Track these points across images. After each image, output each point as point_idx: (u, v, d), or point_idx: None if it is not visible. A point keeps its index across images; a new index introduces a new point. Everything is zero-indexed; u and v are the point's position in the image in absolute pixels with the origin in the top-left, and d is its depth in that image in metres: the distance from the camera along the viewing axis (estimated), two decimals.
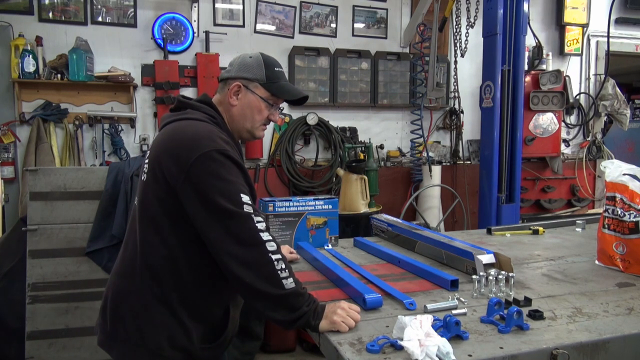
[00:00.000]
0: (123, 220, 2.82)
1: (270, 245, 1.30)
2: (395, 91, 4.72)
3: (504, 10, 3.51)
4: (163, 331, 1.38)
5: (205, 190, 1.30)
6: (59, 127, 3.88)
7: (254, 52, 1.55)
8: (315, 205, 2.17)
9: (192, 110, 1.47)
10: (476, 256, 1.69)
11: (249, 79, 1.49)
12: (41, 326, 2.76)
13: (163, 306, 1.39)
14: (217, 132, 1.40)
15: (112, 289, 1.47)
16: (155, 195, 1.38)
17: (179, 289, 1.39)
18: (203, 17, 4.17)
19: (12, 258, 2.88)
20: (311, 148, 4.53)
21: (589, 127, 5.34)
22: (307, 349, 3.53)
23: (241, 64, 1.51)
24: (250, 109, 1.50)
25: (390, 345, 1.16)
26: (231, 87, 1.49)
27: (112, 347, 1.45)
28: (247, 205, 1.31)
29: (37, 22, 3.81)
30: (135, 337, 1.39)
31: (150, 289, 1.39)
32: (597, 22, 5.14)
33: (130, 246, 1.45)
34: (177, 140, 1.37)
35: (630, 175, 1.77)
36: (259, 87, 1.50)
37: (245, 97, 1.50)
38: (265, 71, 1.50)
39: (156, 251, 1.39)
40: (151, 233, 1.39)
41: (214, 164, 1.31)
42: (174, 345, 1.39)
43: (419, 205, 4.48)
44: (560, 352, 1.14)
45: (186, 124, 1.41)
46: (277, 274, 1.28)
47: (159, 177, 1.36)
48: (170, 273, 1.38)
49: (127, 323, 1.40)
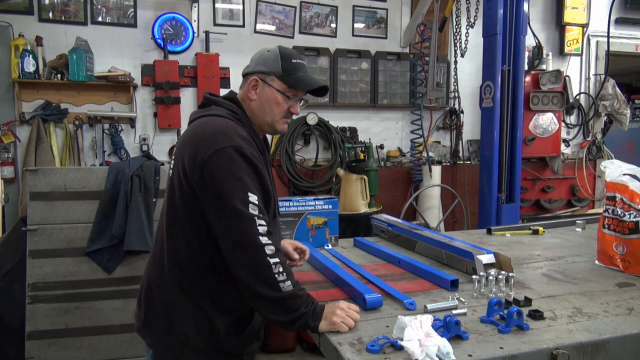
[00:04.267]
0: (123, 220, 2.82)
1: (269, 249, 1.31)
2: (395, 91, 4.72)
3: (504, 10, 3.51)
4: (189, 321, 1.42)
5: (215, 186, 1.32)
6: (59, 127, 3.88)
7: (272, 46, 1.54)
8: (315, 205, 2.17)
9: (216, 107, 1.49)
10: (476, 256, 1.69)
11: (265, 72, 1.49)
12: (41, 326, 2.76)
13: (189, 297, 1.43)
14: (236, 128, 1.41)
15: (146, 279, 1.54)
16: (178, 190, 1.42)
17: (202, 282, 1.42)
18: (203, 17, 4.17)
19: (12, 258, 2.88)
20: (311, 148, 4.53)
21: (589, 127, 5.34)
22: (307, 349, 3.53)
23: (259, 58, 1.52)
24: (268, 103, 1.50)
25: (390, 345, 1.16)
26: (249, 82, 1.50)
27: (146, 334, 1.51)
28: (253, 206, 1.32)
29: (37, 22, 3.82)
30: (165, 326, 1.44)
31: (176, 281, 1.44)
32: (597, 22, 5.15)
33: (159, 239, 1.50)
34: (197, 136, 1.40)
35: (630, 175, 1.77)
36: (275, 80, 1.49)
37: (262, 91, 1.50)
38: (282, 63, 1.49)
39: (180, 244, 1.43)
40: (176, 227, 1.43)
41: (226, 160, 1.33)
42: (200, 335, 1.43)
43: (419, 205, 4.48)
44: (560, 352, 1.14)
45: (208, 121, 1.44)
46: (275, 278, 1.29)
47: (180, 172, 1.40)
48: (193, 266, 1.42)
49: (157, 312, 1.46)
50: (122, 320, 2.85)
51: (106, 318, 2.83)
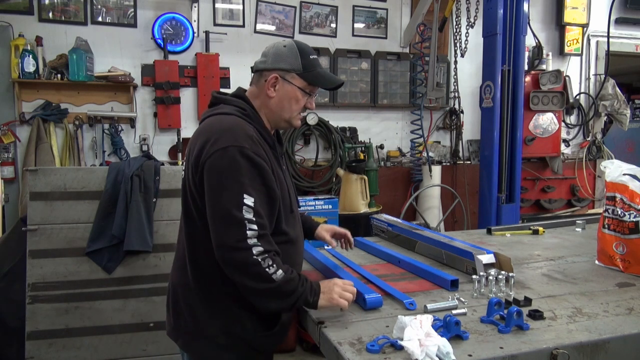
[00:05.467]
0: (123, 220, 2.81)
1: (257, 250, 1.30)
2: (395, 91, 4.72)
3: (504, 10, 3.51)
4: (216, 320, 1.43)
5: (210, 186, 1.34)
6: (59, 127, 3.88)
7: (287, 40, 1.53)
8: (315, 205, 2.17)
9: (225, 105, 1.49)
10: (476, 256, 1.69)
11: (285, 69, 1.47)
12: (41, 326, 2.75)
13: (213, 297, 1.44)
14: (243, 125, 1.40)
15: (171, 283, 1.56)
16: (190, 191, 1.43)
17: (223, 281, 1.40)
18: (203, 17, 4.17)
19: (12, 258, 2.87)
20: (311, 148, 4.53)
21: (589, 127, 5.34)
22: (307, 349, 3.53)
23: (276, 54, 1.48)
24: (288, 100, 1.49)
25: (390, 345, 1.16)
26: (268, 79, 1.47)
27: (177, 337, 1.53)
28: (248, 208, 1.30)
29: (37, 22, 3.82)
30: (193, 327, 1.46)
31: (199, 282, 1.45)
32: (597, 22, 5.15)
33: (180, 241, 1.52)
34: (204, 135, 1.40)
35: (630, 175, 1.77)
36: (296, 78, 1.48)
37: (282, 88, 1.48)
38: (302, 60, 1.47)
39: (198, 246, 1.43)
40: (192, 228, 1.45)
41: (226, 161, 1.32)
42: (228, 333, 1.44)
43: (419, 205, 4.48)
44: (560, 352, 1.14)
45: (215, 120, 1.43)
46: (265, 272, 1.30)
47: (190, 172, 1.41)
48: (213, 266, 1.40)
49: (185, 314, 1.48)
50: (122, 320, 2.84)
51: (106, 318, 2.83)
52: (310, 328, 1.42)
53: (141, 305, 2.85)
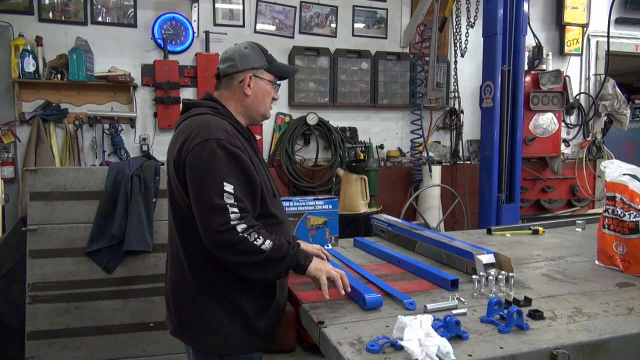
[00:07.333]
0: (123, 220, 2.81)
1: (241, 227, 1.36)
2: (395, 91, 4.72)
3: (504, 10, 3.51)
4: (218, 311, 1.49)
5: (194, 177, 1.42)
6: (59, 127, 3.88)
7: (244, 43, 1.68)
8: (315, 205, 2.17)
9: (196, 108, 1.59)
10: (476, 256, 1.69)
11: (256, 67, 1.62)
12: (41, 326, 2.75)
13: (212, 289, 1.49)
14: (218, 121, 1.50)
15: (169, 283, 1.61)
16: (177, 190, 1.50)
17: (220, 272, 1.47)
18: (203, 17, 4.17)
19: (12, 258, 2.88)
20: (311, 148, 4.53)
21: (589, 127, 5.34)
22: (307, 349, 3.53)
23: (242, 56, 1.62)
24: (262, 94, 1.63)
25: (390, 345, 1.16)
26: (245, 80, 1.60)
27: (182, 334, 1.57)
28: (228, 195, 1.38)
29: (37, 22, 3.82)
30: (197, 321, 1.51)
31: (197, 276, 1.50)
32: (597, 22, 5.14)
33: (173, 241, 1.59)
34: (182, 136, 1.49)
35: (630, 175, 1.77)
36: (265, 73, 1.64)
37: (257, 85, 1.62)
38: (265, 57, 1.65)
39: (192, 241, 1.49)
40: (182, 225, 1.51)
41: (205, 153, 1.41)
42: (232, 322, 1.49)
43: (419, 205, 4.48)
44: (560, 352, 1.14)
45: (190, 121, 1.53)
46: (254, 244, 1.37)
47: (173, 171, 1.50)
48: (207, 259, 1.46)
49: (187, 310, 1.53)
50: (122, 320, 2.85)
51: (106, 318, 2.83)
52: (310, 328, 1.42)
53: (141, 305, 2.85)
